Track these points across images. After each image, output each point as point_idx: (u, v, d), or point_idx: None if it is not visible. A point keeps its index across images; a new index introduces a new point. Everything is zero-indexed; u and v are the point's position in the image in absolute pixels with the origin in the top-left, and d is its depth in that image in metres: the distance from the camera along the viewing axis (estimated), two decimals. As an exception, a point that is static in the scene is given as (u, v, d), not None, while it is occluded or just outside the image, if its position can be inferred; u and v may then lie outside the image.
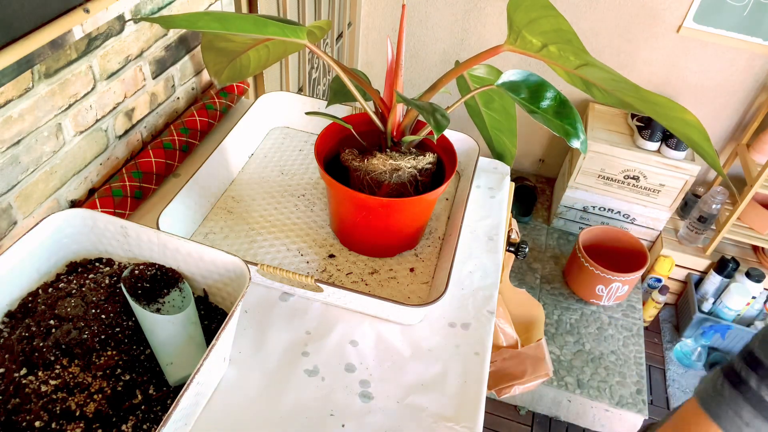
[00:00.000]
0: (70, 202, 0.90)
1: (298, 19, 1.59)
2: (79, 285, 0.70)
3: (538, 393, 1.86)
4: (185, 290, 0.71)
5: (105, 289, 0.70)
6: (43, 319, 0.66)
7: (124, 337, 0.67)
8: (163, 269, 0.72)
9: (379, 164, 0.79)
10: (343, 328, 0.80)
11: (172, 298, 0.70)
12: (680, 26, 1.96)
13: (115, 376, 0.63)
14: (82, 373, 0.62)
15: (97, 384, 0.61)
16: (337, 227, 0.92)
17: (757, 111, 2.06)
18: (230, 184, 1.02)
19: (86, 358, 0.63)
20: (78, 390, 0.61)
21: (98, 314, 0.67)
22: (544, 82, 0.73)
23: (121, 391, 0.62)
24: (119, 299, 0.69)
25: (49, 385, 0.60)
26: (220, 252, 0.67)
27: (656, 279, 2.21)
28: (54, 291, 0.69)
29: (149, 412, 0.62)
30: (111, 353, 0.64)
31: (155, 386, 0.64)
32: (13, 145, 0.75)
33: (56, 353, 0.63)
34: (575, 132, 0.70)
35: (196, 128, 1.06)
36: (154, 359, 0.66)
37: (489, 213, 1.03)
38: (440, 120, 0.67)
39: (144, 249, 0.73)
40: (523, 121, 2.37)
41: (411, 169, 0.80)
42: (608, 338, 2.00)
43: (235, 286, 0.69)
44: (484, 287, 0.89)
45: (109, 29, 0.87)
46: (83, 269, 0.74)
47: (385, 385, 0.74)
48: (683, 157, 2.03)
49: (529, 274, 2.20)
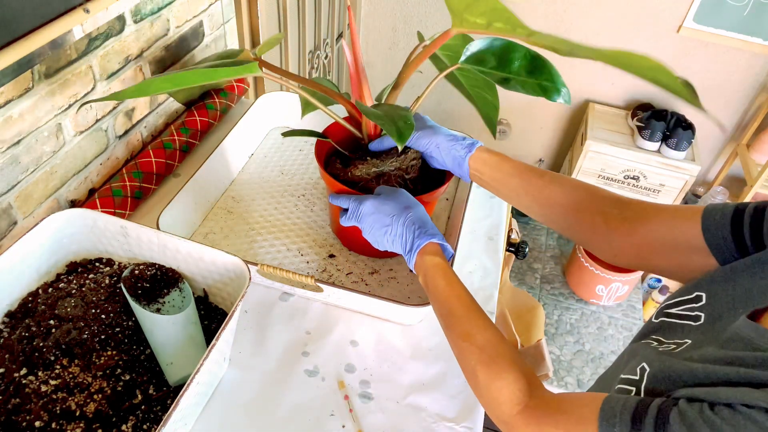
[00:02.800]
0: (70, 202, 0.90)
1: (298, 18, 1.60)
2: (79, 285, 0.70)
3: (538, 393, 1.86)
4: (185, 290, 0.71)
5: (105, 289, 0.70)
6: (43, 319, 0.66)
7: (124, 337, 0.66)
8: (163, 269, 0.72)
9: (363, 173, 0.78)
10: (343, 328, 0.80)
11: (172, 298, 0.70)
12: (680, 26, 1.96)
13: (115, 376, 0.63)
14: (82, 373, 0.62)
15: (97, 384, 0.61)
16: (337, 228, 0.92)
17: (757, 111, 2.06)
18: (230, 184, 1.02)
19: (86, 358, 0.63)
20: (78, 390, 0.61)
21: (98, 314, 0.67)
22: (509, 42, 0.68)
23: (121, 391, 0.62)
24: (119, 299, 0.69)
25: (49, 385, 0.60)
26: (219, 252, 0.67)
27: (656, 279, 2.21)
28: (54, 291, 0.69)
29: (149, 412, 0.62)
30: (111, 353, 0.64)
31: (155, 386, 0.64)
32: (13, 145, 0.75)
33: (56, 353, 0.63)
34: (554, 86, 0.66)
35: (196, 128, 1.06)
36: (154, 359, 0.66)
37: (489, 213, 1.03)
38: (402, 128, 0.65)
39: (144, 249, 0.73)
40: (523, 122, 2.37)
41: (396, 171, 0.79)
42: (608, 338, 2.00)
43: (235, 286, 0.69)
44: (484, 287, 0.88)
45: (109, 29, 0.87)
46: (83, 269, 0.74)
47: (385, 385, 0.74)
48: (683, 157, 2.03)
49: (529, 274, 2.20)
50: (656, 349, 0.50)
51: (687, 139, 1.98)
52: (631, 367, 0.50)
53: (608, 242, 0.63)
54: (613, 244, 0.63)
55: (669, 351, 0.49)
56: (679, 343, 0.49)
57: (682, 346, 0.49)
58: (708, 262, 0.53)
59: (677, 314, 0.52)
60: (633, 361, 0.50)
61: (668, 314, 0.53)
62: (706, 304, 0.50)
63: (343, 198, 0.77)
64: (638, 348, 0.52)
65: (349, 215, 0.75)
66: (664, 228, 0.57)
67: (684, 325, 0.51)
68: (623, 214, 0.61)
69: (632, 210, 0.61)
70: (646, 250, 0.60)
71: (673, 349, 0.49)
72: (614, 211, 0.62)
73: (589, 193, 0.65)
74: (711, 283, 0.51)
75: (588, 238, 0.66)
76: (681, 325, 0.51)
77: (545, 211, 0.69)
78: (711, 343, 0.47)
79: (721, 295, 0.49)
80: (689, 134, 1.98)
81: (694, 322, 0.50)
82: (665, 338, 0.52)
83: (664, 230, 0.57)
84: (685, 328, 0.51)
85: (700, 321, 0.50)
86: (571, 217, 0.66)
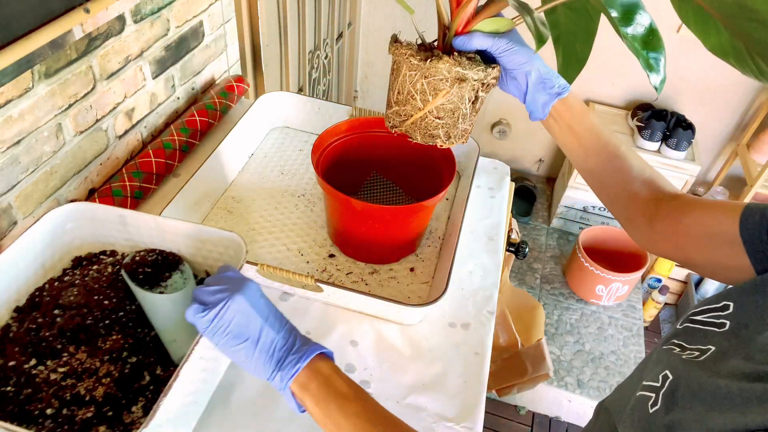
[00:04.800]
0: (70, 201, 0.90)
1: (298, 19, 1.59)
2: (83, 276, 0.72)
3: (538, 393, 1.86)
4: (185, 271, 0.73)
5: (107, 277, 0.72)
6: (48, 310, 0.67)
7: (128, 321, 0.68)
8: (164, 253, 0.73)
9: (444, 69, 0.63)
10: (343, 328, 0.80)
11: (175, 281, 0.72)
12: (680, 26, 1.96)
13: (122, 359, 0.64)
14: (89, 359, 0.63)
15: (104, 368, 0.63)
16: (333, 233, 0.92)
17: (757, 111, 2.06)
18: (230, 184, 1.02)
19: (92, 344, 0.65)
20: (86, 375, 0.62)
21: (101, 300, 0.68)
22: (638, 3, 0.62)
23: (129, 374, 0.63)
24: (122, 285, 0.71)
25: (58, 372, 0.62)
26: (216, 230, 0.69)
27: (656, 279, 2.21)
28: (59, 284, 0.71)
29: (157, 392, 0.63)
30: (116, 337, 0.66)
31: (162, 367, 0.66)
32: (13, 145, 0.75)
33: (62, 341, 0.64)
34: (656, 67, 0.62)
35: (196, 128, 1.06)
36: (159, 341, 0.68)
37: (489, 213, 1.03)
38: (542, 30, 0.56)
39: (144, 236, 0.74)
40: (523, 122, 2.37)
41: (476, 83, 0.65)
42: (608, 338, 2.00)
43: (235, 263, 0.70)
44: (484, 287, 0.88)
45: (109, 29, 0.87)
46: (88, 263, 0.75)
47: (385, 385, 0.74)
48: (683, 157, 2.03)
49: (529, 274, 2.20)
50: (680, 356, 0.49)
51: (687, 139, 1.99)
52: (654, 374, 0.49)
53: (651, 228, 0.63)
54: (656, 229, 0.63)
55: (693, 359, 0.48)
56: (703, 350, 0.48)
57: (705, 353, 0.48)
58: (741, 261, 0.53)
59: (702, 321, 0.52)
60: (657, 367, 0.50)
61: (693, 321, 0.52)
62: (733, 313, 0.49)
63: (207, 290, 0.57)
64: (662, 354, 0.51)
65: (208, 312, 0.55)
66: (706, 219, 0.57)
67: (707, 331, 0.50)
68: (672, 204, 0.62)
69: (681, 200, 0.62)
70: (685, 241, 0.60)
71: (696, 356, 0.48)
72: (666, 202, 0.63)
73: (651, 180, 0.65)
74: (740, 293, 0.50)
75: (632, 219, 0.66)
76: (704, 331, 0.50)
77: (604, 180, 0.68)
78: (737, 352, 0.45)
79: (750, 306, 0.49)
80: (689, 134, 1.98)
81: (718, 328, 0.49)
82: (688, 344, 0.51)
83: (705, 221, 0.57)
84: (708, 334, 0.50)
85: (725, 328, 0.49)
86: (624, 197, 0.66)
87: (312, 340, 0.58)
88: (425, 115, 0.67)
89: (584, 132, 0.67)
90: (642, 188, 0.65)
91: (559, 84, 0.66)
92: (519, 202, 2.45)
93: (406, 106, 0.67)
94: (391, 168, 1.00)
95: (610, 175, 0.67)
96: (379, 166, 1.01)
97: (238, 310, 0.54)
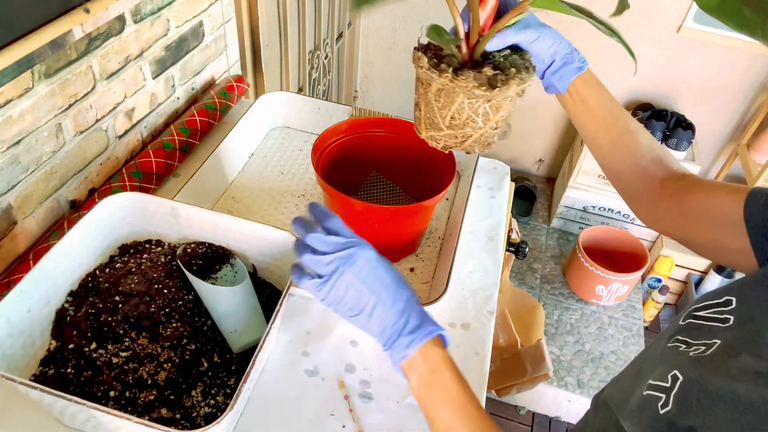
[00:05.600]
0: (70, 202, 0.90)
1: (298, 19, 1.60)
2: (137, 264, 0.74)
3: (538, 393, 1.86)
4: (237, 265, 0.76)
5: (162, 266, 0.74)
6: (109, 296, 0.69)
7: (186, 310, 0.70)
8: (213, 247, 0.76)
9: (512, 91, 0.59)
10: (343, 328, 0.80)
11: (224, 274, 0.75)
12: (680, 26, 1.96)
13: (182, 346, 0.67)
14: (151, 345, 0.66)
15: (165, 354, 0.65)
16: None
17: (757, 111, 2.06)
18: (230, 184, 1.02)
19: (154, 330, 0.67)
20: (148, 360, 0.64)
21: (160, 289, 0.71)
22: None
23: (189, 360, 0.66)
24: (177, 275, 0.73)
25: (120, 357, 0.64)
26: (270, 228, 0.73)
27: (656, 279, 2.21)
28: (111, 271, 0.73)
29: (215, 378, 0.66)
30: (176, 325, 0.68)
31: (219, 354, 0.68)
32: (13, 145, 0.75)
33: (125, 327, 0.67)
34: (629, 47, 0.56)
35: (196, 128, 1.06)
36: (215, 330, 0.70)
37: (489, 213, 1.03)
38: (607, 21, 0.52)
39: (194, 228, 0.77)
40: (523, 122, 2.37)
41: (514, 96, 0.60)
42: (608, 338, 2.00)
43: (285, 260, 0.74)
44: (484, 287, 0.88)
45: (109, 29, 0.87)
46: (135, 251, 0.78)
47: (385, 385, 0.74)
48: (683, 157, 2.03)
49: (529, 274, 2.20)
50: (687, 354, 0.48)
51: (687, 139, 1.98)
52: (661, 373, 0.48)
53: (656, 206, 0.64)
54: (660, 207, 0.64)
55: (700, 354, 0.47)
56: (708, 344, 0.48)
57: (712, 347, 0.47)
58: (742, 243, 0.53)
59: (704, 317, 0.51)
60: (663, 366, 0.49)
61: (696, 316, 0.52)
62: (736, 308, 0.49)
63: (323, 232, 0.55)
64: (667, 352, 0.51)
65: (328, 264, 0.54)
66: (711, 199, 0.58)
67: (711, 326, 0.50)
68: (679, 183, 0.62)
69: (688, 180, 0.62)
70: (688, 219, 0.60)
71: (703, 351, 0.47)
72: (673, 181, 0.63)
73: (660, 158, 0.65)
74: (742, 287, 0.50)
75: (638, 196, 0.66)
76: (708, 326, 0.50)
77: (613, 155, 0.68)
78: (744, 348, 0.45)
79: (753, 300, 0.48)
80: (689, 134, 1.98)
81: (722, 324, 0.49)
82: (692, 339, 0.50)
83: (710, 202, 0.58)
84: (712, 329, 0.49)
85: (729, 323, 0.48)
86: (632, 173, 0.66)
87: (428, 318, 0.55)
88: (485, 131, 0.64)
89: (597, 106, 0.67)
90: (650, 165, 0.65)
91: (579, 59, 0.66)
92: (519, 202, 2.45)
93: (464, 128, 0.63)
94: (391, 168, 1.00)
95: (619, 151, 0.67)
96: (379, 166, 1.01)
97: (350, 284, 0.53)
